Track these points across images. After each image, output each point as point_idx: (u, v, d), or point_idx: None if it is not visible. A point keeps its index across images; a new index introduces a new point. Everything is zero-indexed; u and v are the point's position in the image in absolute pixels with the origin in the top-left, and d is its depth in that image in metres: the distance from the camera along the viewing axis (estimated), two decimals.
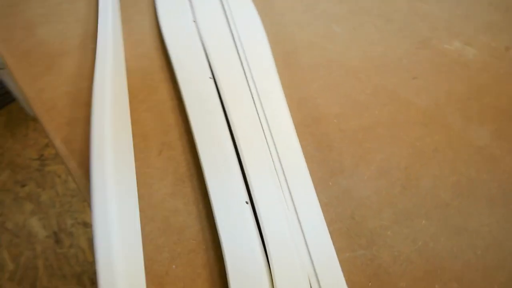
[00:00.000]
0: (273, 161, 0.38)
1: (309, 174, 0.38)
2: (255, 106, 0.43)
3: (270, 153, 0.39)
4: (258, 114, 0.43)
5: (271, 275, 0.32)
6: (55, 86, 0.53)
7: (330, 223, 0.36)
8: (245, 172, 0.38)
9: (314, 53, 0.53)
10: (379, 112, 0.44)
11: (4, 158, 1.63)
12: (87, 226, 1.36)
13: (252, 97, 0.44)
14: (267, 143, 0.40)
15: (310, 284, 0.31)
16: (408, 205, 0.37)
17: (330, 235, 0.35)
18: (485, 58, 0.50)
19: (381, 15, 0.58)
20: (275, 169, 0.38)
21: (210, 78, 0.47)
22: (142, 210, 0.39)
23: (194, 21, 0.55)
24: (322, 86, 0.48)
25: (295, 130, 0.41)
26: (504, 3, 0.58)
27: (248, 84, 0.46)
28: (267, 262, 0.33)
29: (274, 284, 0.31)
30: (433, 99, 0.45)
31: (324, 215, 0.36)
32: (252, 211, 0.36)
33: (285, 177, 0.37)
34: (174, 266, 0.35)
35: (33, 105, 0.52)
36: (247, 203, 0.36)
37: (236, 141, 0.40)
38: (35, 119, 1.77)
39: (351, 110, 0.45)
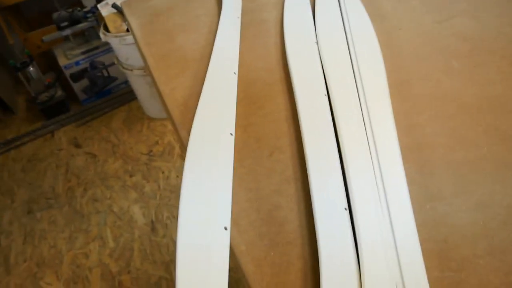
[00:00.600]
0: (375, 177, 0.41)
1: (408, 194, 0.40)
2: (365, 126, 0.47)
3: (374, 170, 0.42)
4: (366, 133, 0.46)
5: (361, 279, 0.34)
6: (187, 87, 0.61)
7: (421, 242, 0.37)
8: (348, 182, 0.41)
9: (429, 85, 0.54)
10: (488, 149, 0.45)
11: (119, 149, 1.83)
12: None
13: (363, 117, 0.48)
14: (372, 160, 0.43)
15: None
16: (506, 241, 0.37)
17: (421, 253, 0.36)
18: None
19: (506, 57, 0.57)
20: (376, 184, 0.41)
21: (325, 95, 0.51)
22: (249, 201, 0.44)
23: (316, 43, 0.60)
24: (432, 117, 0.50)
25: (400, 153, 0.44)
26: None
27: (360, 105, 0.49)
28: (358, 266, 0.35)
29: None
30: None
31: (417, 234, 0.38)
32: (349, 218, 0.39)
33: (385, 192, 0.40)
34: (272, 253, 0.39)
35: (167, 101, 0.60)
36: (345, 209, 0.39)
37: (343, 154, 0.44)
38: (150, 118, 1.97)
39: (459, 143, 0.46)
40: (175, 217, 1.48)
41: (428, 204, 0.41)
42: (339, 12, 0.68)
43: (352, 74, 0.54)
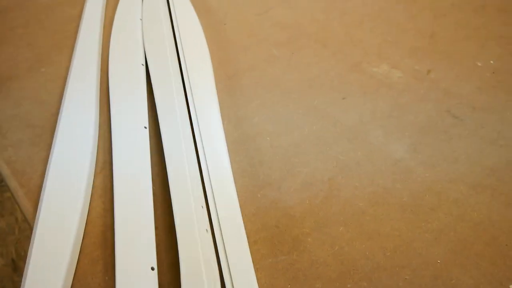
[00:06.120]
0: (202, 178, 0.41)
1: (235, 193, 0.40)
2: (193, 128, 0.46)
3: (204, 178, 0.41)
4: (194, 133, 0.45)
5: None
6: (2, 109, 0.54)
7: (256, 232, 0.38)
8: (171, 192, 0.40)
9: (254, 75, 0.56)
10: (309, 129, 0.48)
11: None
12: None
13: (190, 118, 0.47)
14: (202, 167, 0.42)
15: None
16: (328, 214, 0.40)
17: (256, 243, 0.37)
18: (408, 80, 0.54)
19: (319, 41, 0.62)
20: (204, 185, 0.40)
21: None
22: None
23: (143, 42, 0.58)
24: (259, 106, 0.51)
25: (226, 151, 0.44)
26: (429, 30, 0.64)
27: (188, 106, 0.49)
28: None
29: None
30: (359, 117, 0.49)
31: (251, 225, 0.39)
32: None
33: (213, 193, 0.39)
34: (107, 278, 0.36)
35: None
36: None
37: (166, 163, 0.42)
38: None
39: (284, 128, 0.48)
40: None
41: (259, 193, 0.42)
42: (167, 8, 0.66)
43: (180, 72, 0.53)
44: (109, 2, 0.75)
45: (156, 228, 0.38)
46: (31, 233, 0.38)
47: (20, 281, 1.13)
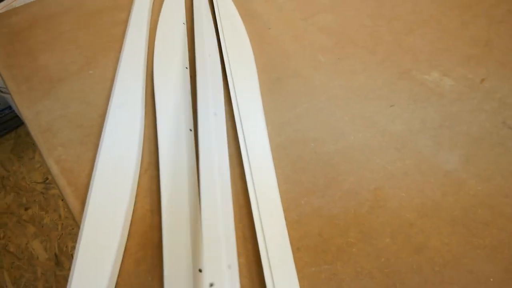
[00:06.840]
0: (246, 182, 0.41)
1: (279, 197, 0.40)
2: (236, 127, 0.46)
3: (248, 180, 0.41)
4: (237, 134, 0.45)
5: None
6: (52, 110, 0.56)
7: (299, 239, 0.38)
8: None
9: (299, 81, 0.55)
10: (355, 137, 0.47)
11: (10, 181, 1.67)
12: None
13: (234, 120, 0.47)
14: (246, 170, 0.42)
15: None
16: (374, 224, 0.38)
17: (299, 251, 0.37)
18: (461, 89, 0.52)
19: (366, 47, 0.61)
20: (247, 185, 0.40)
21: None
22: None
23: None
24: (303, 112, 0.51)
25: (270, 155, 0.44)
26: (484, 38, 0.61)
27: (232, 107, 0.49)
28: None
29: None
30: (407, 126, 0.48)
31: (294, 232, 0.38)
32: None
33: (256, 198, 0.39)
34: (150, 278, 0.36)
35: (30, 127, 0.55)
36: None
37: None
38: None
39: (328, 135, 0.47)
40: None
41: (303, 200, 0.41)
42: (213, 14, 0.67)
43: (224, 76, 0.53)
44: (155, 6, 0.77)
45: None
46: (78, 231, 0.39)
47: (62, 275, 1.17)
